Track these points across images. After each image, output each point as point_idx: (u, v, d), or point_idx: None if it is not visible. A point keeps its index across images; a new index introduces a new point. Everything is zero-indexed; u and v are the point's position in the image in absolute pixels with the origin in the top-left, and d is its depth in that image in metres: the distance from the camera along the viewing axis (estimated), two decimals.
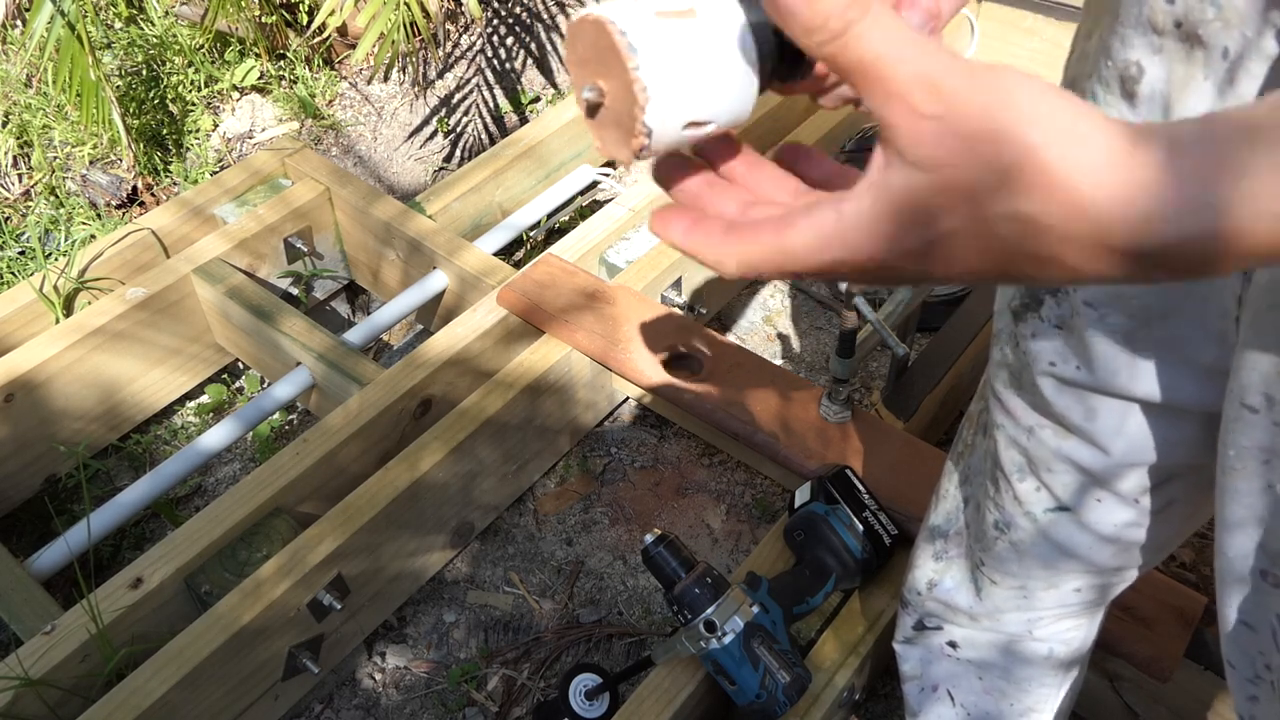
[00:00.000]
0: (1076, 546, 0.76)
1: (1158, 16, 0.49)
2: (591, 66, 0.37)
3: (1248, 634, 0.59)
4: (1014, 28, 2.03)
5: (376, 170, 2.17)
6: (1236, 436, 0.54)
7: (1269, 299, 0.50)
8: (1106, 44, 0.53)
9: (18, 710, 1.13)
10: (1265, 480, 0.53)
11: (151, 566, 1.24)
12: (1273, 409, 0.51)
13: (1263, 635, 0.58)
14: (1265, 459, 0.53)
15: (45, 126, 2.12)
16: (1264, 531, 0.55)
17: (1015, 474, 0.75)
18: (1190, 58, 0.49)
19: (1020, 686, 0.93)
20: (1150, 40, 0.50)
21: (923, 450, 1.32)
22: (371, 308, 1.92)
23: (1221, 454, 0.56)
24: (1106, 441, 0.67)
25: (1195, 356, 0.59)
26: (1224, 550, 0.58)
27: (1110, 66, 0.53)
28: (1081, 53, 0.58)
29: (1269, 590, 0.56)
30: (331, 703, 1.37)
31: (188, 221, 1.75)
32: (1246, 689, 0.61)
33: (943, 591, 0.92)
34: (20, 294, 1.59)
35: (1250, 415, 0.52)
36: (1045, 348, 0.65)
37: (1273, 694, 0.59)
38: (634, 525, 1.54)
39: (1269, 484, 0.53)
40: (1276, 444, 0.51)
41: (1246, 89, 0.47)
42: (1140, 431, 0.65)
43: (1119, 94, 0.54)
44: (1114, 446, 0.67)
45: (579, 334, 1.46)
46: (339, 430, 1.39)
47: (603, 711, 1.16)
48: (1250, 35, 0.46)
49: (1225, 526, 0.58)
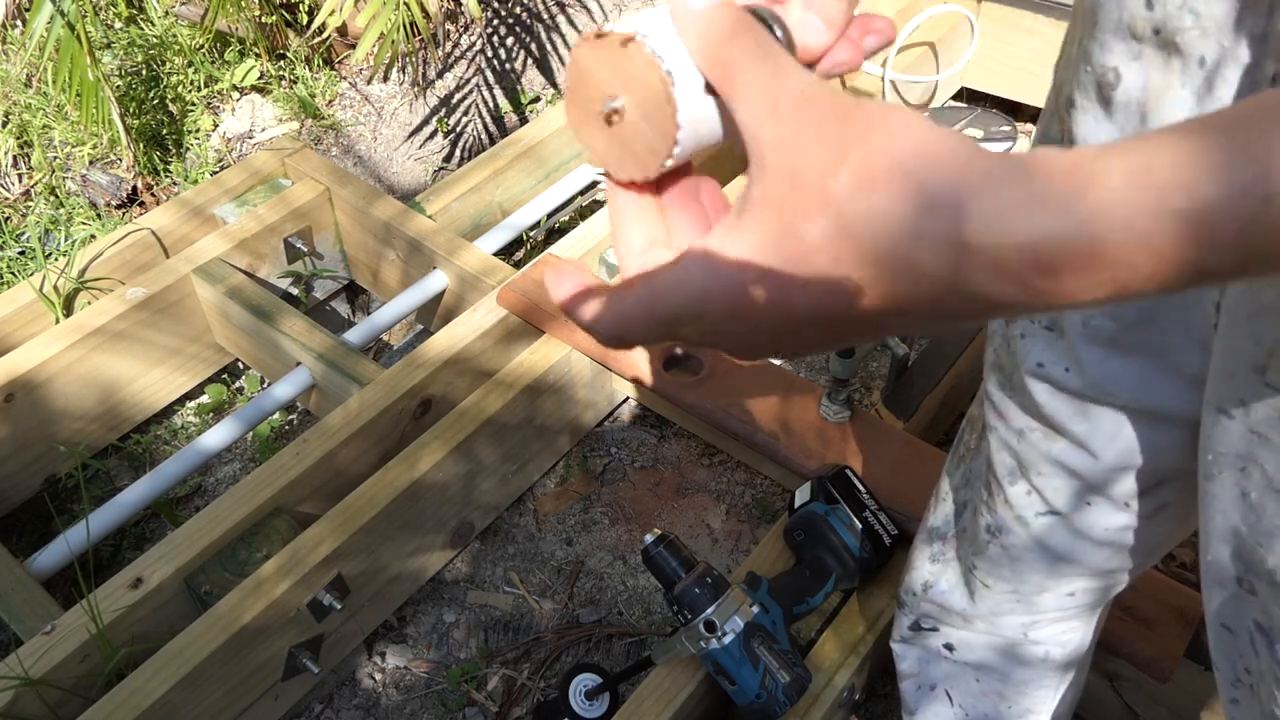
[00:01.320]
0: (1068, 551, 0.76)
1: (1137, 23, 0.49)
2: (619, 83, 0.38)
3: (1228, 637, 0.59)
4: (1014, 28, 2.03)
5: (376, 170, 2.17)
6: (1215, 443, 0.54)
7: (1245, 306, 0.50)
8: (1086, 49, 0.53)
9: (18, 710, 1.13)
10: (1241, 488, 0.53)
11: (151, 566, 1.24)
12: (1248, 415, 0.51)
13: (1241, 639, 0.58)
14: (1241, 466, 0.52)
15: (45, 126, 2.12)
16: (1239, 539, 0.55)
17: (1006, 477, 0.75)
18: (1168, 65, 0.49)
19: (1017, 688, 0.93)
20: (1129, 46, 0.50)
21: (923, 450, 1.32)
22: (371, 308, 1.92)
23: (1201, 459, 0.56)
24: (1095, 445, 0.67)
25: (1180, 364, 0.59)
26: (1205, 554, 0.58)
27: (1089, 72, 0.53)
28: (1067, 58, 0.58)
29: (1245, 596, 0.56)
30: (331, 703, 1.37)
31: (188, 221, 1.75)
32: (1229, 691, 0.61)
33: (938, 593, 0.92)
34: (20, 294, 1.59)
35: (1227, 421, 0.52)
36: (1035, 348, 0.65)
37: (1252, 697, 0.58)
38: (634, 525, 1.54)
39: (1244, 491, 0.53)
40: (1252, 451, 0.51)
41: (1224, 95, 0.47)
42: (1129, 435, 0.65)
43: (1095, 100, 0.54)
44: (1103, 450, 0.67)
45: (579, 334, 1.46)
46: (339, 430, 1.39)
47: (603, 711, 1.16)
48: (1227, 45, 0.46)
49: (1206, 531, 0.58)
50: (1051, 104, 0.61)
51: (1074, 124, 0.56)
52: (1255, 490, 0.52)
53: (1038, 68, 2.02)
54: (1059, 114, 0.59)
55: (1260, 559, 0.53)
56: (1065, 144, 0.58)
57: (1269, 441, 0.50)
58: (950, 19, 2.04)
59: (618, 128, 0.38)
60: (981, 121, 1.75)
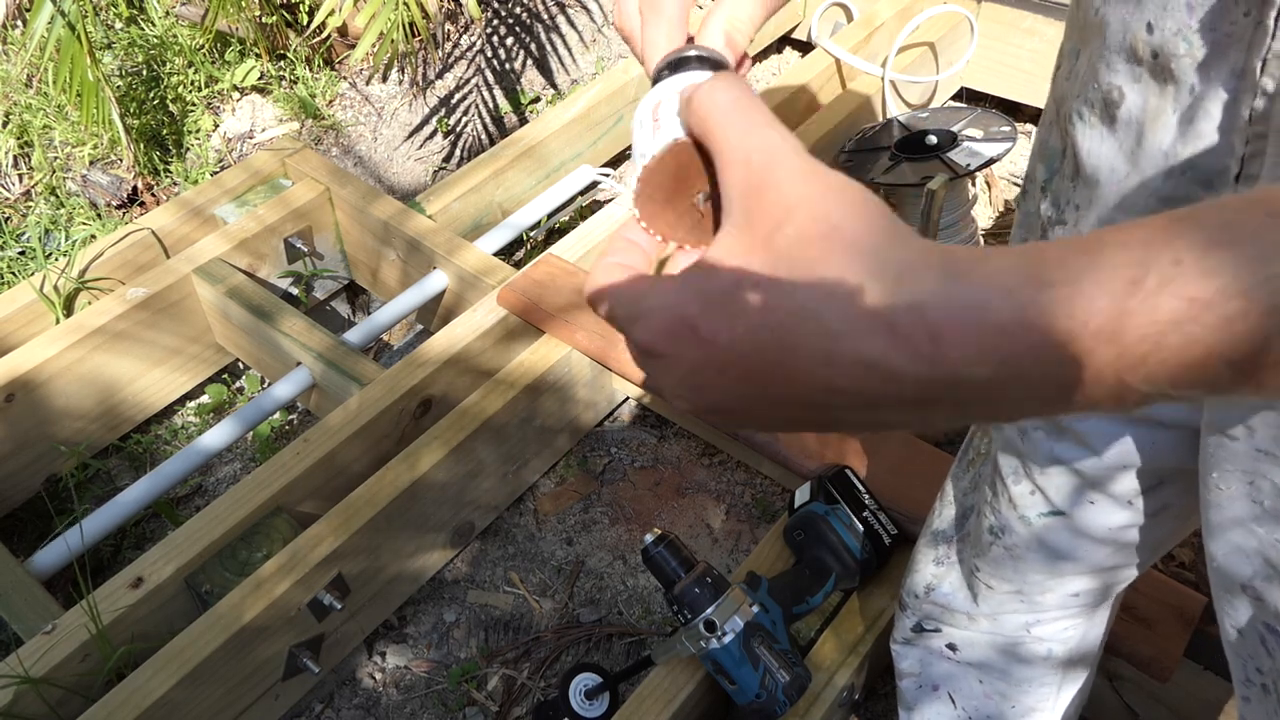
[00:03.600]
0: (1070, 550, 0.77)
1: (1138, 45, 0.49)
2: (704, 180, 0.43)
3: (1238, 638, 0.60)
4: (1014, 28, 2.03)
5: (376, 170, 2.17)
6: (1219, 462, 0.55)
7: None
8: (1094, 66, 0.54)
9: (18, 709, 1.13)
10: (1250, 498, 0.54)
11: (152, 566, 1.24)
12: (1253, 436, 0.52)
13: (1250, 641, 0.59)
14: (1249, 480, 0.54)
15: (45, 126, 2.12)
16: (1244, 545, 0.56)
17: (1011, 476, 0.76)
18: (1163, 90, 0.49)
19: (1021, 687, 0.93)
20: (1132, 68, 0.51)
21: (923, 450, 1.32)
22: (371, 308, 1.92)
23: (1204, 475, 0.57)
24: (1096, 442, 0.68)
25: None
26: (1212, 559, 0.59)
27: (1095, 89, 0.54)
28: (1070, 71, 0.59)
29: (1251, 601, 0.57)
30: (332, 702, 1.37)
31: (188, 221, 1.75)
32: (1241, 689, 0.62)
33: (941, 595, 0.92)
34: (20, 294, 1.60)
35: (1231, 443, 0.54)
36: None
37: (1264, 696, 0.59)
38: (634, 525, 1.54)
39: (1254, 500, 0.54)
40: (1259, 467, 0.53)
41: (1204, 128, 0.48)
42: (1128, 435, 0.66)
43: (1101, 116, 0.54)
44: (1103, 447, 0.67)
45: (579, 334, 1.47)
46: (339, 430, 1.39)
47: (603, 711, 1.16)
48: (1214, 75, 0.46)
49: (1211, 536, 0.58)
50: (1051, 114, 0.62)
51: (1077, 136, 0.57)
52: (1269, 499, 0.53)
53: (1037, 68, 2.02)
54: (1060, 126, 0.60)
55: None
56: (1067, 156, 0.59)
57: (1274, 456, 0.51)
58: (950, 19, 2.04)
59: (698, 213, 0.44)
60: (981, 121, 1.75)
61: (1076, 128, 0.57)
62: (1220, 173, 0.48)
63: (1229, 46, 0.45)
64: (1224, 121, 0.47)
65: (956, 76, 2.12)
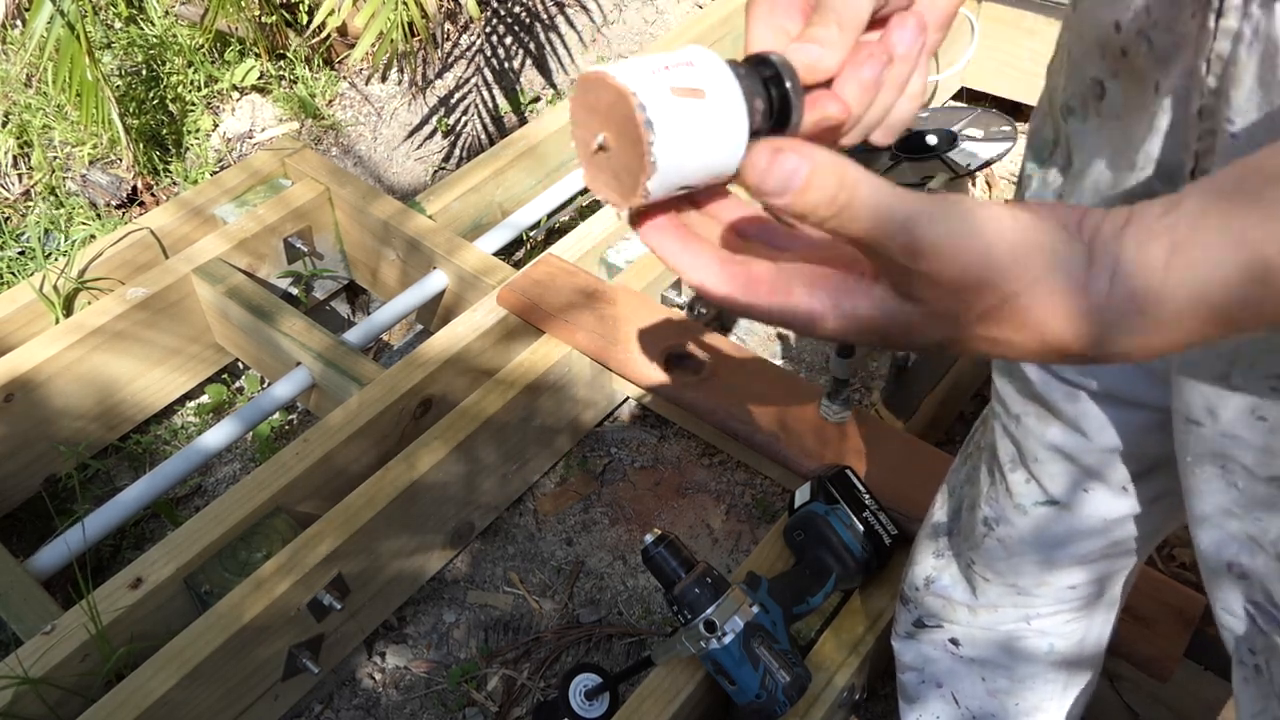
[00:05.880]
0: (1065, 540, 0.78)
1: (1111, 43, 0.51)
2: (600, 119, 0.40)
3: (1231, 620, 0.61)
4: (1014, 28, 2.03)
5: (376, 170, 2.17)
6: (1191, 446, 0.57)
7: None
8: (1079, 61, 0.56)
9: (18, 709, 1.13)
10: (1224, 480, 0.56)
11: (151, 566, 1.24)
12: (1217, 421, 0.54)
13: (1241, 621, 0.61)
14: (1220, 464, 0.55)
15: (45, 126, 2.12)
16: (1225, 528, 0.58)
17: (1008, 464, 0.77)
18: (1132, 86, 0.51)
19: (1024, 684, 0.93)
20: (1107, 64, 0.53)
21: (923, 450, 1.32)
22: (371, 308, 1.92)
23: (1180, 459, 0.59)
24: (1087, 426, 0.69)
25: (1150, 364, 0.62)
26: (1197, 543, 0.61)
27: (1080, 80, 0.56)
28: (1061, 63, 0.60)
29: (1238, 580, 0.59)
30: (331, 702, 1.37)
31: (187, 221, 1.75)
32: (1237, 673, 0.64)
33: (941, 587, 0.93)
34: (20, 294, 1.59)
35: (1198, 429, 0.55)
36: None
37: (1257, 677, 0.61)
38: (634, 525, 1.54)
39: (1229, 484, 0.56)
40: (1227, 450, 0.54)
41: (1163, 124, 0.50)
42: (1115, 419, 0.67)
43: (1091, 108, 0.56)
44: (1095, 433, 0.69)
45: (579, 334, 1.46)
46: (339, 430, 1.39)
47: (603, 711, 1.16)
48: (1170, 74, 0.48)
49: (1194, 522, 0.60)
50: (1045, 105, 0.63)
51: (1069, 129, 0.59)
52: (1241, 480, 0.55)
53: (1038, 68, 2.00)
54: (1053, 117, 0.61)
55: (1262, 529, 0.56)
56: (1060, 146, 0.60)
57: (1240, 439, 0.53)
58: None
59: (600, 158, 0.41)
60: (981, 121, 1.75)
61: (1070, 120, 0.58)
62: (1178, 168, 0.50)
63: (1182, 47, 0.47)
64: (1178, 118, 0.49)
65: (957, 76, 2.12)
